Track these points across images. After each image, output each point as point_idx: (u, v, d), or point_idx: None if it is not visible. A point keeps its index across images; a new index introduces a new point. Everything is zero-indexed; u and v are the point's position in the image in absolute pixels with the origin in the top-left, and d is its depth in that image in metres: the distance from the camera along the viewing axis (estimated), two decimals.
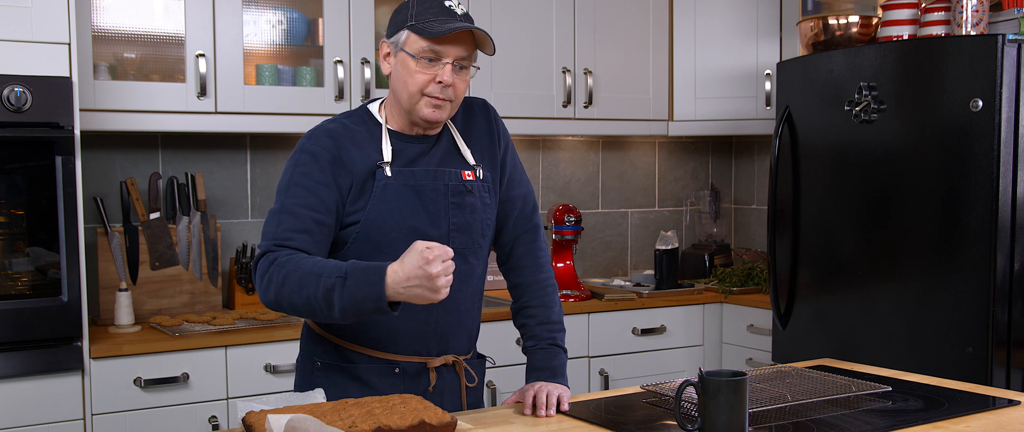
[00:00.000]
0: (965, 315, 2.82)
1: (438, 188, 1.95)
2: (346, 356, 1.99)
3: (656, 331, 3.65)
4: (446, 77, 1.89)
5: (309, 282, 1.75)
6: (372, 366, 1.98)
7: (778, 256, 3.39)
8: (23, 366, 2.60)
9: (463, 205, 1.98)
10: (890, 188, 3.01)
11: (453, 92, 1.91)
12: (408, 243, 1.86)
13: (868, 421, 1.83)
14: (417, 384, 1.99)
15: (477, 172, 2.01)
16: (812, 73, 3.26)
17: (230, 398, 2.88)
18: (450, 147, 2.02)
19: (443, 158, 1.99)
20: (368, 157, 1.93)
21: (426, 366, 2.00)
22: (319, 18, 3.32)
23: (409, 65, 1.90)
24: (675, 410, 1.69)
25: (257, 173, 3.50)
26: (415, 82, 1.90)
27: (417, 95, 1.91)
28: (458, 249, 1.97)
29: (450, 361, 2.03)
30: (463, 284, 1.99)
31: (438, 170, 1.97)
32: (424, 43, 1.88)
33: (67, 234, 2.65)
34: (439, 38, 1.87)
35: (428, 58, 1.89)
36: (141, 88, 2.99)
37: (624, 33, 3.84)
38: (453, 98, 1.92)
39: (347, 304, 1.72)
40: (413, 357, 1.99)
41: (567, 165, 4.15)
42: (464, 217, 1.98)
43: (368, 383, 1.97)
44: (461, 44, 1.89)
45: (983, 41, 2.77)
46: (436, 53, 1.89)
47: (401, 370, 1.98)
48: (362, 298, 1.70)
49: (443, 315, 1.99)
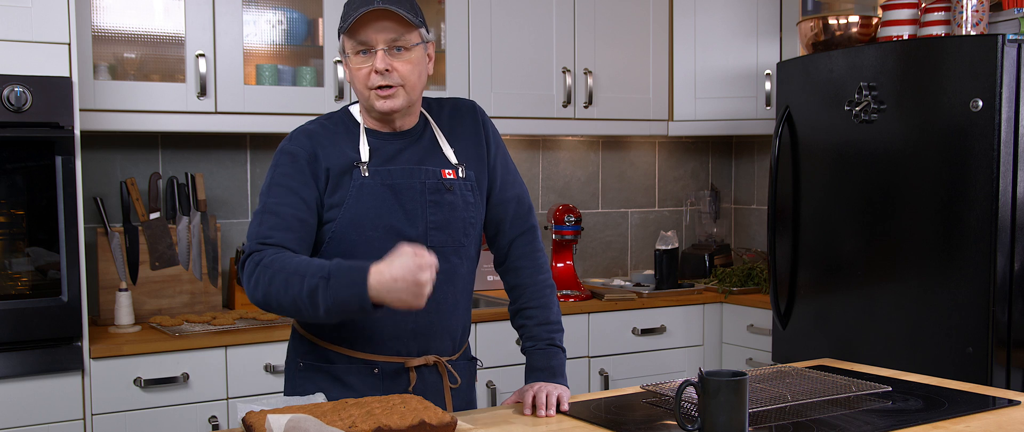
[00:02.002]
0: (965, 315, 2.82)
1: (415, 186, 1.95)
2: (326, 356, 1.99)
3: (656, 331, 3.65)
4: (379, 64, 1.89)
5: (294, 282, 1.75)
6: (351, 366, 1.97)
7: (778, 256, 3.39)
8: (23, 366, 2.60)
9: (441, 203, 1.97)
10: (890, 188, 3.01)
11: (397, 76, 1.91)
12: (385, 241, 1.88)
13: (868, 421, 1.83)
14: (396, 385, 1.98)
15: (459, 170, 2.01)
16: (812, 73, 3.26)
17: (230, 398, 2.88)
18: (431, 145, 2.02)
19: (422, 156, 1.99)
20: (345, 155, 1.94)
21: (405, 366, 1.99)
22: (319, 18, 3.32)
23: (351, 65, 1.93)
24: (675, 410, 1.69)
25: (257, 173, 3.50)
26: (358, 79, 1.92)
27: (365, 91, 1.93)
28: (438, 247, 1.95)
29: (431, 361, 2.02)
30: (445, 284, 1.98)
31: (415, 168, 1.97)
32: (350, 39, 1.91)
33: (67, 234, 2.65)
34: (356, 27, 1.89)
35: (361, 51, 1.91)
36: (141, 88, 2.99)
37: (624, 33, 3.84)
38: (401, 82, 1.91)
39: (331, 304, 1.71)
40: (392, 357, 1.98)
41: (567, 165, 4.15)
42: (442, 215, 1.98)
43: (347, 384, 1.97)
44: (385, 27, 1.89)
45: (983, 41, 2.77)
46: (364, 44, 1.90)
47: (380, 370, 1.98)
48: (346, 298, 1.69)
49: (423, 315, 1.97)
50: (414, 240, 1.93)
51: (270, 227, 1.86)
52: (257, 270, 1.81)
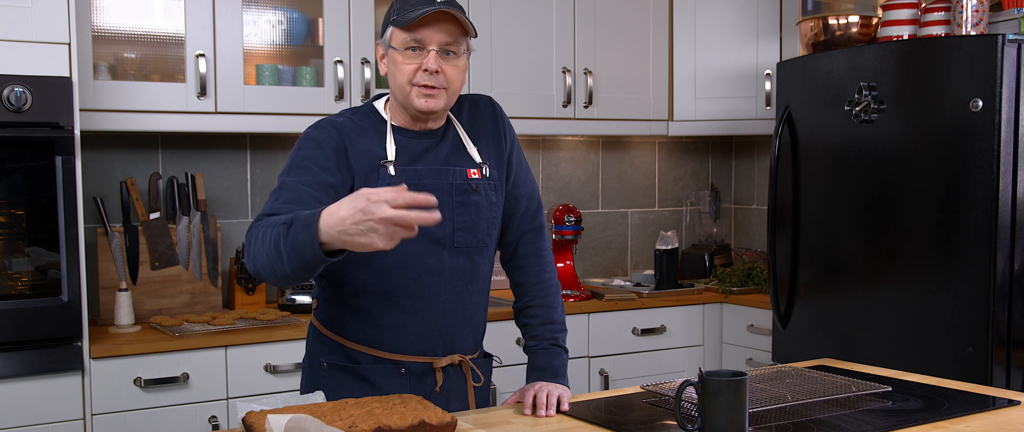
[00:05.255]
0: (965, 315, 2.82)
1: (442, 187, 1.95)
2: (352, 356, 1.98)
3: (656, 331, 3.65)
4: (431, 64, 1.88)
5: (267, 236, 1.69)
6: (378, 367, 1.97)
7: (778, 256, 3.39)
8: (23, 366, 2.60)
9: (468, 203, 1.97)
10: (890, 188, 3.01)
11: (443, 79, 1.91)
12: (413, 242, 1.85)
13: (868, 421, 1.83)
14: (423, 384, 1.99)
15: (483, 170, 2.01)
16: (812, 73, 3.26)
17: (230, 398, 2.88)
18: (456, 144, 2.01)
19: (448, 156, 1.98)
20: (372, 152, 1.92)
21: (432, 366, 1.99)
22: (319, 18, 3.32)
23: (396, 58, 1.91)
24: (675, 410, 1.69)
25: (257, 173, 3.50)
26: (403, 73, 1.91)
27: (407, 86, 1.91)
28: (464, 248, 1.97)
29: (456, 361, 2.02)
30: (468, 284, 1.99)
31: (442, 169, 1.96)
32: (405, 34, 1.89)
33: (67, 234, 2.65)
34: (416, 25, 1.87)
35: (412, 48, 1.90)
36: (141, 88, 2.99)
37: (624, 33, 3.84)
38: (445, 85, 1.91)
39: (289, 249, 1.63)
40: (419, 357, 1.99)
41: (567, 165, 4.15)
42: (469, 216, 1.97)
43: (374, 383, 1.97)
44: (443, 30, 1.89)
45: (983, 41, 2.77)
46: (418, 41, 1.89)
47: (407, 370, 1.98)
48: (301, 242, 1.60)
49: (449, 315, 1.99)
50: (441, 241, 1.93)
51: (283, 201, 1.80)
52: (250, 234, 1.76)
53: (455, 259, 1.97)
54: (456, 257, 1.97)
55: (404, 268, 1.93)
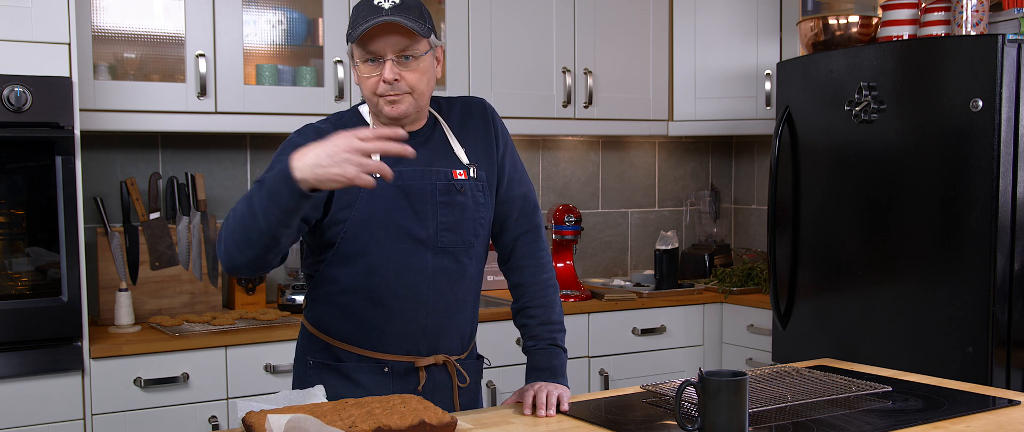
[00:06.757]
0: (965, 315, 2.82)
1: (425, 187, 1.95)
2: (337, 355, 2.00)
3: (656, 331, 3.65)
4: (387, 74, 1.88)
5: (238, 208, 1.77)
6: (362, 365, 1.98)
7: (778, 256, 3.39)
8: (23, 366, 2.60)
9: (452, 204, 1.98)
10: (890, 188, 3.01)
11: (404, 85, 1.90)
12: (397, 242, 1.90)
13: (868, 421, 1.83)
14: (406, 383, 1.99)
15: (470, 171, 2.01)
16: (812, 73, 3.26)
17: (230, 398, 2.88)
18: (441, 145, 2.01)
19: (433, 157, 1.99)
20: None
21: (414, 365, 2.00)
22: (319, 18, 3.32)
23: (360, 71, 1.93)
24: (675, 410, 1.69)
25: (257, 173, 3.50)
26: (366, 86, 1.92)
27: (373, 97, 1.93)
28: (449, 248, 1.98)
29: (440, 361, 2.03)
30: (454, 284, 2.00)
31: (426, 170, 1.97)
32: (359, 48, 1.90)
33: (67, 234, 2.65)
34: (365, 39, 1.88)
35: (370, 60, 1.91)
36: (141, 88, 2.99)
37: (624, 33, 3.84)
38: (409, 90, 1.91)
39: (265, 200, 1.69)
40: (402, 356, 1.99)
41: (567, 165, 4.15)
42: (453, 216, 1.98)
43: (358, 382, 1.98)
44: (392, 39, 1.89)
45: (983, 41, 2.77)
46: (372, 53, 1.90)
47: (390, 369, 1.99)
48: (275, 185, 1.67)
49: (432, 314, 1.99)
50: (425, 241, 1.94)
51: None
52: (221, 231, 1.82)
53: (440, 259, 1.97)
54: (441, 257, 1.97)
55: (388, 267, 1.94)
